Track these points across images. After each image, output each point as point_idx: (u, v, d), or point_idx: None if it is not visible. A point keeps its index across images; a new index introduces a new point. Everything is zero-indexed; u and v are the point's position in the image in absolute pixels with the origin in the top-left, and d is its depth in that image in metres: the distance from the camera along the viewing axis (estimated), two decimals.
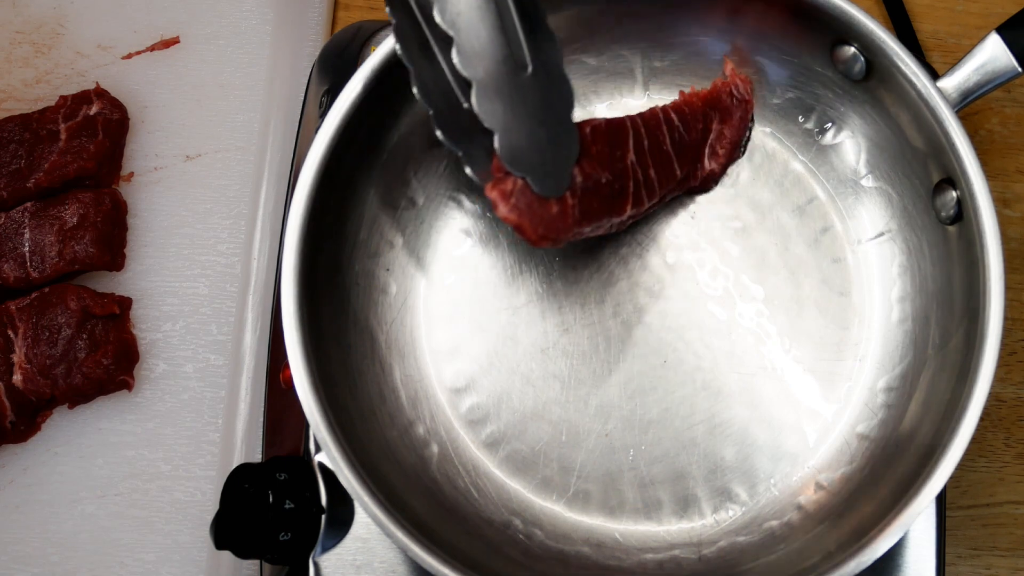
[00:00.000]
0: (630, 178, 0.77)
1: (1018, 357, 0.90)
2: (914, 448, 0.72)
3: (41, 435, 0.89)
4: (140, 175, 0.94)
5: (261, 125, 0.95)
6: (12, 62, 0.97)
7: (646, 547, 0.77)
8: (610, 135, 0.76)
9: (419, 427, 0.80)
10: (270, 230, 0.93)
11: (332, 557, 0.77)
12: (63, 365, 0.87)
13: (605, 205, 0.75)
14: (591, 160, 0.74)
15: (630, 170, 0.76)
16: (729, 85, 0.83)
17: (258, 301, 0.91)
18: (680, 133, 0.80)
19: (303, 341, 0.71)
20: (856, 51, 0.76)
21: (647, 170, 0.78)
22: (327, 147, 0.74)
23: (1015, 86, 0.96)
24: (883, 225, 0.81)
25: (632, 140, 0.77)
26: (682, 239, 0.84)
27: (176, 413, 0.89)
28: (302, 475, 0.77)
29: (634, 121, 0.78)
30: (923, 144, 0.75)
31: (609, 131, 0.76)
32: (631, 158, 0.77)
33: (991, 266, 0.70)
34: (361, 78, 0.75)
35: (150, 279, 0.92)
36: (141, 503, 0.87)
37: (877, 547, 0.66)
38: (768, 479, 0.78)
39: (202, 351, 0.90)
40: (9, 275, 0.89)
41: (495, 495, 0.79)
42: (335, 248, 0.78)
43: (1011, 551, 0.87)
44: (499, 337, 0.82)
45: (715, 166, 0.83)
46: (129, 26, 0.98)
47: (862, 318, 0.81)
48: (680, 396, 0.80)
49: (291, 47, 0.98)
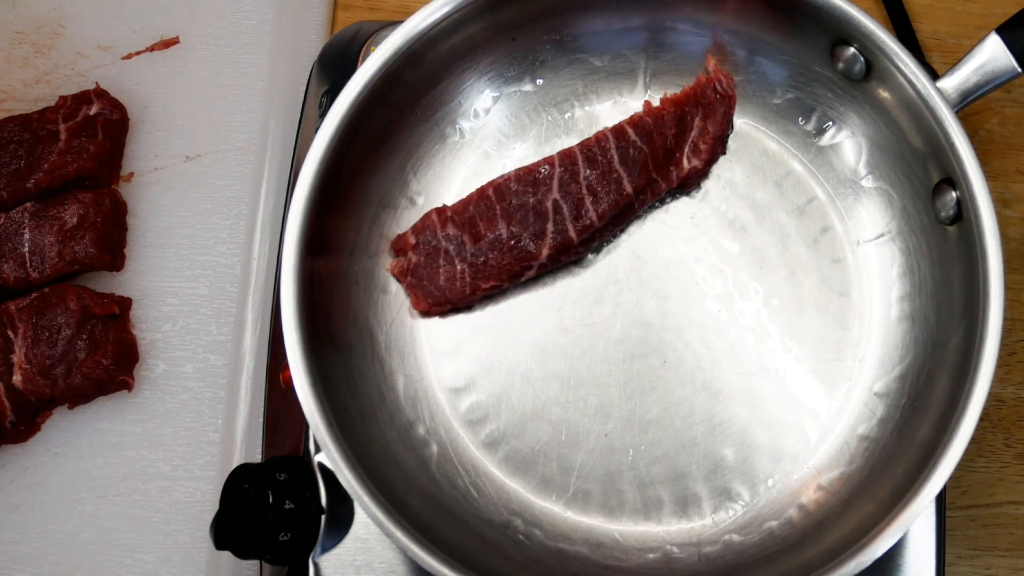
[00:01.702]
0: (548, 219, 0.80)
1: (1018, 357, 0.90)
2: (914, 448, 0.72)
3: (41, 435, 0.89)
4: (140, 175, 0.94)
5: (261, 125, 0.95)
6: (12, 62, 0.97)
7: (646, 547, 0.77)
8: (523, 184, 0.81)
9: (419, 427, 0.80)
10: (270, 230, 0.93)
11: (332, 557, 0.77)
12: (63, 365, 0.86)
13: (509, 256, 0.80)
14: (488, 220, 0.80)
15: (549, 212, 0.80)
16: (713, 81, 0.83)
17: (258, 301, 0.91)
18: (638, 147, 0.81)
19: (303, 341, 0.72)
20: (856, 51, 0.76)
21: (579, 202, 0.80)
22: (327, 147, 0.75)
23: (1015, 86, 0.96)
24: (883, 226, 0.81)
25: (557, 179, 0.80)
26: (681, 240, 0.84)
27: (176, 413, 0.89)
28: (302, 475, 0.77)
29: (566, 155, 0.81)
30: (923, 144, 0.75)
31: (522, 181, 0.81)
32: (553, 197, 0.80)
33: (991, 266, 0.70)
34: (361, 78, 0.75)
35: (150, 279, 0.92)
36: (141, 503, 0.87)
37: (877, 547, 0.66)
38: (768, 479, 0.79)
39: (202, 351, 0.90)
40: (9, 275, 0.88)
41: (495, 495, 0.79)
42: (335, 248, 0.78)
43: (1011, 551, 0.87)
44: (499, 337, 0.83)
45: (697, 163, 0.83)
46: (129, 26, 0.98)
47: (862, 318, 0.81)
48: (680, 396, 0.80)
49: (291, 48, 0.98)
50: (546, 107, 0.87)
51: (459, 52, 0.82)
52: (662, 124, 0.82)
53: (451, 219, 0.81)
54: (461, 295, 0.81)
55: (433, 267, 0.81)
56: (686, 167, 0.83)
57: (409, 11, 0.77)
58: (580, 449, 0.80)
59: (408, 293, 0.82)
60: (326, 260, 0.76)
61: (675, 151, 0.83)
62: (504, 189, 0.81)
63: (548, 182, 0.81)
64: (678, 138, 0.82)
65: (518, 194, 0.81)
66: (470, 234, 0.81)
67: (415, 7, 0.77)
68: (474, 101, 0.86)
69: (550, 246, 0.80)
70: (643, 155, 0.81)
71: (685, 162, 0.83)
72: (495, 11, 0.79)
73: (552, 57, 0.85)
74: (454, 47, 0.81)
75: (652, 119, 0.82)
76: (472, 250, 0.81)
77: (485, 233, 0.81)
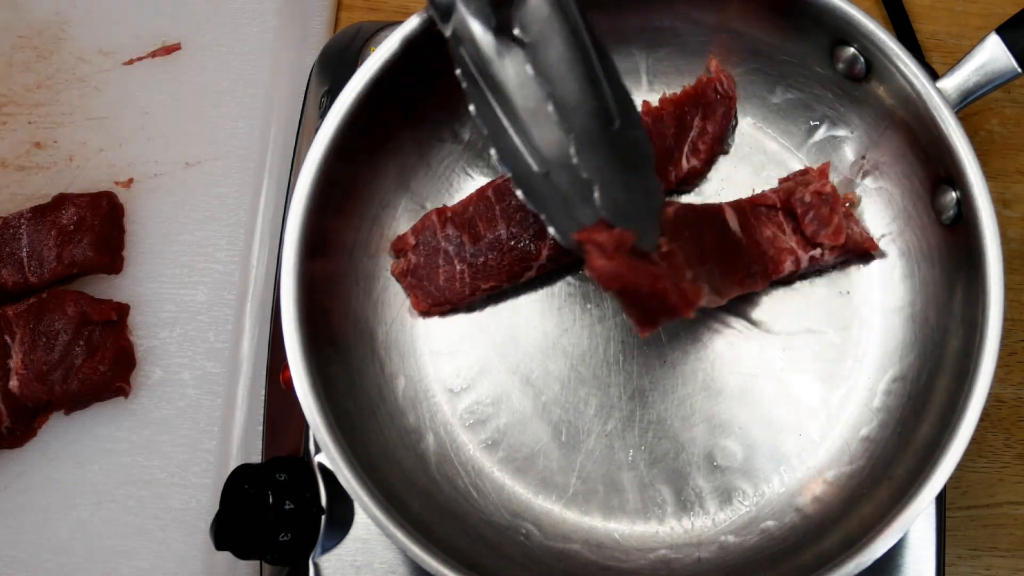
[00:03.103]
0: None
1: (1018, 357, 0.91)
2: (914, 448, 0.72)
3: (37, 441, 0.88)
4: (139, 181, 0.94)
5: (261, 132, 0.95)
6: (13, 66, 0.98)
7: (645, 547, 0.77)
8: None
9: (418, 427, 0.80)
10: (269, 238, 0.93)
11: (332, 558, 0.77)
12: (60, 371, 0.86)
13: (509, 257, 0.80)
14: (488, 221, 0.80)
15: None
16: (714, 81, 0.84)
17: (256, 309, 0.91)
18: None
19: (303, 341, 0.72)
20: (856, 52, 0.76)
21: None
22: (327, 147, 0.75)
23: (1015, 87, 0.97)
24: (884, 226, 0.82)
25: None
26: None
27: (172, 420, 0.88)
28: (302, 476, 0.77)
29: None
30: (923, 145, 0.76)
31: None
32: None
33: (991, 267, 0.70)
34: (361, 78, 0.75)
35: (148, 285, 0.91)
36: (136, 510, 0.87)
37: (877, 547, 0.66)
38: (768, 479, 0.78)
39: (199, 358, 0.90)
40: (7, 279, 0.88)
41: (495, 495, 0.79)
42: (335, 248, 0.78)
43: (1011, 551, 0.87)
44: (499, 337, 0.83)
45: (696, 163, 0.84)
46: (131, 32, 0.98)
47: (862, 318, 0.81)
48: (680, 396, 0.80)
49: (292, 55, 0.98)
50: None
51: None
52: (661, 124, 0.82)
53: (451, 219, 0.81)
54: (461, 295, 0.81)
55: (433, 267, 0.81)
56: (685, 167, 0.83)
57: (409, 11, 0.78)
58: (580, 449, 0.80)
59: (408, 293, 0.83)
60: (326, 260, 0.76)
61: (674, 151, 0.83)
62: (504, 190, 0.81)
63: None
64: (677, 138, 0.83)
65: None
66: (470, 234, 0.81)
67: (415, 7, 0.77)
68: None
69: (550, 246, 0.80)
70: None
71: (684, 162, 0.83)
72: (495, 12, 0.79)
73: None
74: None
75: (651, 119, 0.82)
76: (472, 250, 0.81)
77: (485, 234, 0.81)
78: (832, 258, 0.80)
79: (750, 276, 0.78)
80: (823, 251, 0.79)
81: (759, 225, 0.80)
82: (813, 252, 0.79)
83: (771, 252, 0.80)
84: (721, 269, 0.75)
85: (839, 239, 0.78)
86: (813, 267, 0.81)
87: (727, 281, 0.76)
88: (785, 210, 0.81)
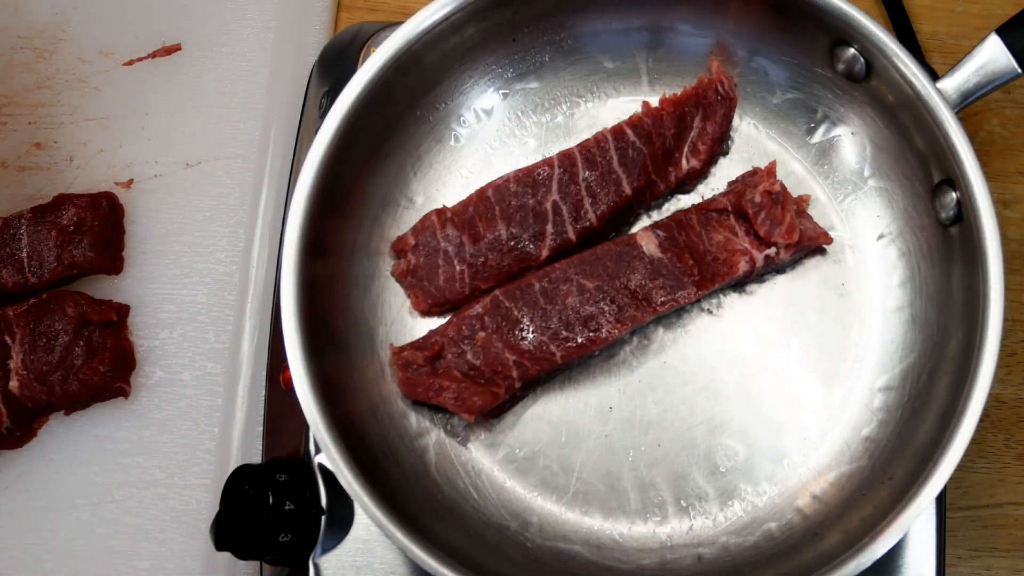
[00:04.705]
0: (548, 220, 0.81)
1: (1018, 358, 0.90)
2: (914, 448, 0.73)
3: (37, 441, 0.88)
4: (140, 182, 0.94)
5: (261, 133, 0.95)
6: (14, 67, 0.98)
7: (645, 548, 0.77)
8: (522, 186, 0.81)
9: (419, 427, 0.80)
10: (269, 238, 0.93)
11: (332, 558, 0.77)
12: (60, 371, 0.86)
13: (509, 257, 0.81)
14: (487, 221, 0.81)
15: (549, 213, 0.81)
16: (715, 82, 0.84)
17: (256, 309, 0.91)
18: (637, 148, 0.82)
19: (303, 342, 0.72)
20: (856, 52, 0.76)
21: (578, 203, 0.81)
22: (327, 147, 0.75)
23: (1015, 87, 0.97)
24: (883, 227, 0.82)
25: (556, 180, 0.81)
26: None
27: (172, 421, 0.88)
28: (302, 476, 0.76)
29: (565, 156, 0.82)
30: (923, 145, 0.76)
31: (521, 182, 0.81)
32: (553, 199, 0.81)
33: (991, 267, 0.70)
34: (361, 79, 0.76)
35: (148, 286, 0.91)
36: (136, 511, 0.86)
37: (877, 547, 0.66)
38: (768, 479, 0.78)
39: (199, 359, 0.90)
40: (7, 280, 0.88)
41: (494, 496, 0.79)
42: (335, 248, 0.78)
43: (1011, 552, 0.87)
44: None
45: (696, 164, 0.84)
46: (131, 32, 0.98)
47: (862, 319, 0.81)
48: (680, 396, 0.80)
49: (292, 55, 0.98)
50: (546, 108, 0.87)
51: (459, 53, 0.82)
52: (661, 125, 0.82)
53: (451, 220, 0.81)
54: (460, 295, 0.81)
55: (432, 268, 0.81)
56: (685, 168, 0.83)
57: (409, 12, 0.78)
58: (580, 450, 0.80)
59: (408, 293, 0.83)
60: (326, 260, 0.77)
61: (674, 152, 0.83)
62: (503, 190, 0.81)
63: (547, 183, 0.81)
64: (677, 139, 0.83)
65: (517, 195, 0.81)
66: (469, 235, 0.81)
67: (415, 8, 0.78)
68: (474, 102, 0.86)
69: (549, 247, 0.80)
70: (642, 156, 0.81)
71: (684, 163, 0.83)
72: (495, 12, 0.80)
73: (552, 58, 0.86)
74: (454, 48, 0.81)
75: (651, 120, 0.82)
76: (471, 251, 0.81)
77: (484, 234, 0.81)
78: (788, 256, 0.80)
79: (681, 288, 0.79)
80: (778, 250, 0.79)
81: (707, 231, 0.81)
82: (768, 251, 0.80)
83: (723, 256, 0.80)
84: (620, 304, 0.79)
85: (793, 237, 0.79)
86: (771, 266, 0.81)
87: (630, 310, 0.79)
88: (736, 212, 0.81)
